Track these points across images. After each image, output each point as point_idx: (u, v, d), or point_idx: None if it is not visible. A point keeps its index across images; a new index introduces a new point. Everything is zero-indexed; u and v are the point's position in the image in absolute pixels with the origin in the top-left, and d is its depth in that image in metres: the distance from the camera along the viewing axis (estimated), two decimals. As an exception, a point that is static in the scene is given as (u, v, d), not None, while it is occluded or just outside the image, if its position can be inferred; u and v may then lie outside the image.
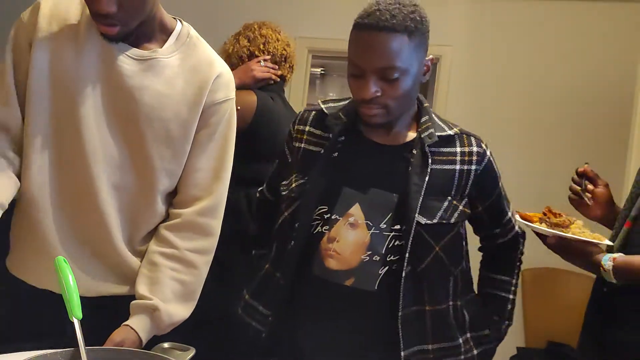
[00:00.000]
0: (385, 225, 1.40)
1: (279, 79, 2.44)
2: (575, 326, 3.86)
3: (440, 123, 1.48)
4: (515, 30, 3.73)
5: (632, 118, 2.66)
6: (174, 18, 1.46)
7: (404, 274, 1.37)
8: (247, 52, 2.39)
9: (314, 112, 1.54)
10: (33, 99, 1.34)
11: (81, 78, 1.34)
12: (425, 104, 1.50)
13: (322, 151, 1.48)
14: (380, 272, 1.38)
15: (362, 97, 1.36)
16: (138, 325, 1.33)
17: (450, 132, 1.47)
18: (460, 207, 1.45)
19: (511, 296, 1.62)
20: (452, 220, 1.43)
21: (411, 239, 1.38)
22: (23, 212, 1.40)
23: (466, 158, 1.46)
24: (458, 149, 1.46)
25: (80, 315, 1.15)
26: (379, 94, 1.35)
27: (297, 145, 1.53)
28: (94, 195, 1.36)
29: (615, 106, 3.46)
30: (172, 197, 1.46)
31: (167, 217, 1.46)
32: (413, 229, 1.38)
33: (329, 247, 1.41)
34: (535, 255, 3.54)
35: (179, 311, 1.39)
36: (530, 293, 2.73)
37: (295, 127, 1.56)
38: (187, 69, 1.41)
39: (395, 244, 1.40)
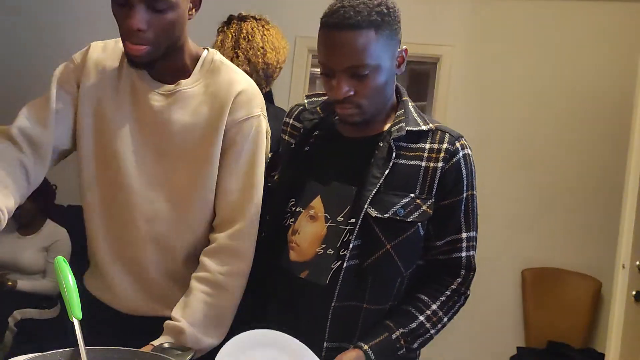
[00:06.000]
0: (342, 219, 1.37)
1: None
2: (575, 326, 3.88)
3: (416, 118, 1.42)
4: (515, 30, 3.73)
5: (632, 117, 2.66)
6: (203, 48, 1.48)
7: (345, 265, 1.34)
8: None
9: (300, 107, 1.55)
10: (81, 139, 1.43)
11: (117, 116, 1.41)
12: (405, 98, 1.45)
13: (294, 144, 1.49)
14: (332, 267, 1.35)
15: (334, 97, 1.34)
16: None
17: (424, 128, 1.40)
18: (424, 207, 1.37)
19: (421, 317, 1.39)
20: (410, 219, 1.35)
21: (357, 230, 1.34)
22: (87, 236, 1.51)
23: (433, 155, 1.37)
24: (427, 145, 1.39)
25: (80, 316, 1.15)
26: (351, 92, 1.32)
27: (284, 137, 1.55)
28: (132, 227, 1.43)
29: (616, 105, 3.46)
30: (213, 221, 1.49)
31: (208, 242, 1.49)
32: (360, 220, 1.33)
33: (292, 239, 1.41)
34: (535, 255, 3.58)
35: (208, 337, 1.38)
36: (530, 293, 2.73)
37: (285, 119, 1.57)
38: (209, 95, 1.43)
39: (350, 238, 1.35)
